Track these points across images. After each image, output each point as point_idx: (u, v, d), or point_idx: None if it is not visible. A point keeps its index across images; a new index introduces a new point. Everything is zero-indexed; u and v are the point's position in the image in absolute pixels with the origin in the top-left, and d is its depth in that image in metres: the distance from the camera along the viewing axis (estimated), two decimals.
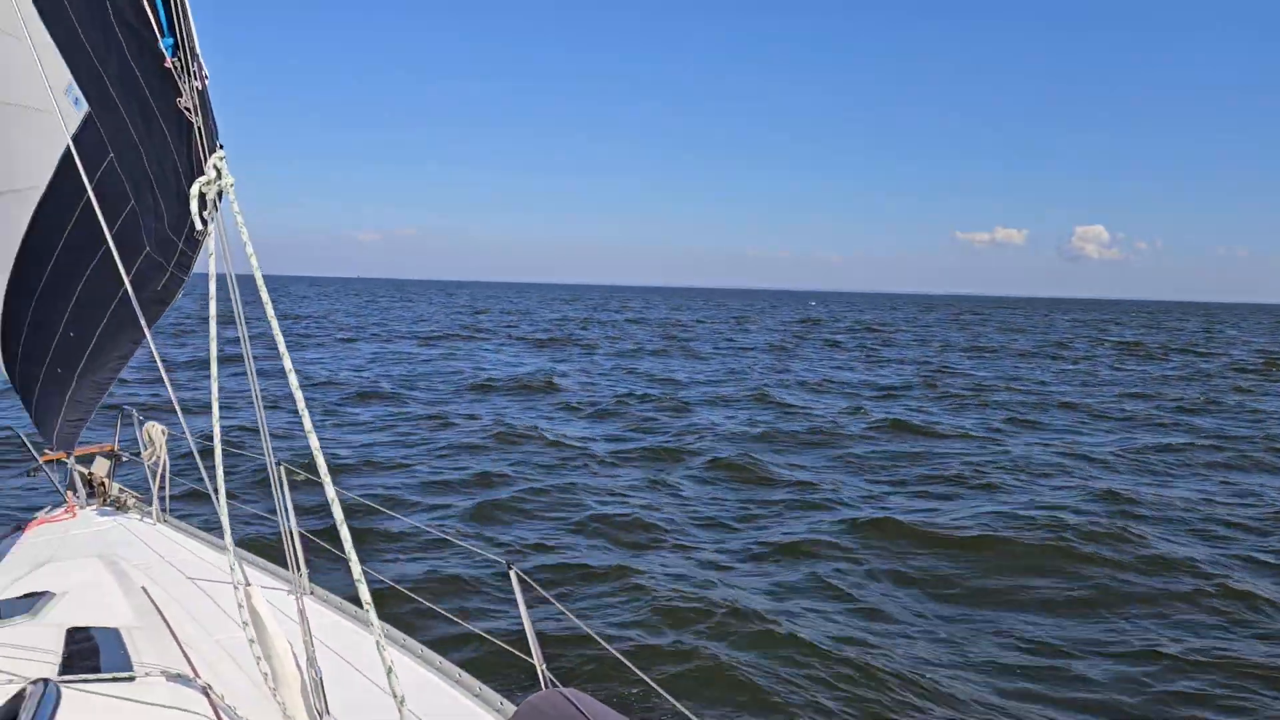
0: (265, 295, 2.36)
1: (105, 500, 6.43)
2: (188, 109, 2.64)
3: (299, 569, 3.36)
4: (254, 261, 2.42)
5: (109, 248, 2.95)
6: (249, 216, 2.58)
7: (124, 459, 6.78)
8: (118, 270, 2.96)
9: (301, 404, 2.24)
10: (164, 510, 5.97)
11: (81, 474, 6.50)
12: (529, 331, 50.00)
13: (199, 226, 2.64)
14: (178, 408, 2.63)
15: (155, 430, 5.99)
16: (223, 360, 2.58)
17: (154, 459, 5.95)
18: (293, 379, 2.28)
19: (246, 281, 2.60)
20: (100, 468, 6.61)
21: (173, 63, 2.61)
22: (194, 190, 2.61)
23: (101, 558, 4.92)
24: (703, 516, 11.62)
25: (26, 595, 4.15)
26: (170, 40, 2.60)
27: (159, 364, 2.83)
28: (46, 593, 4.16)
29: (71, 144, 2.93)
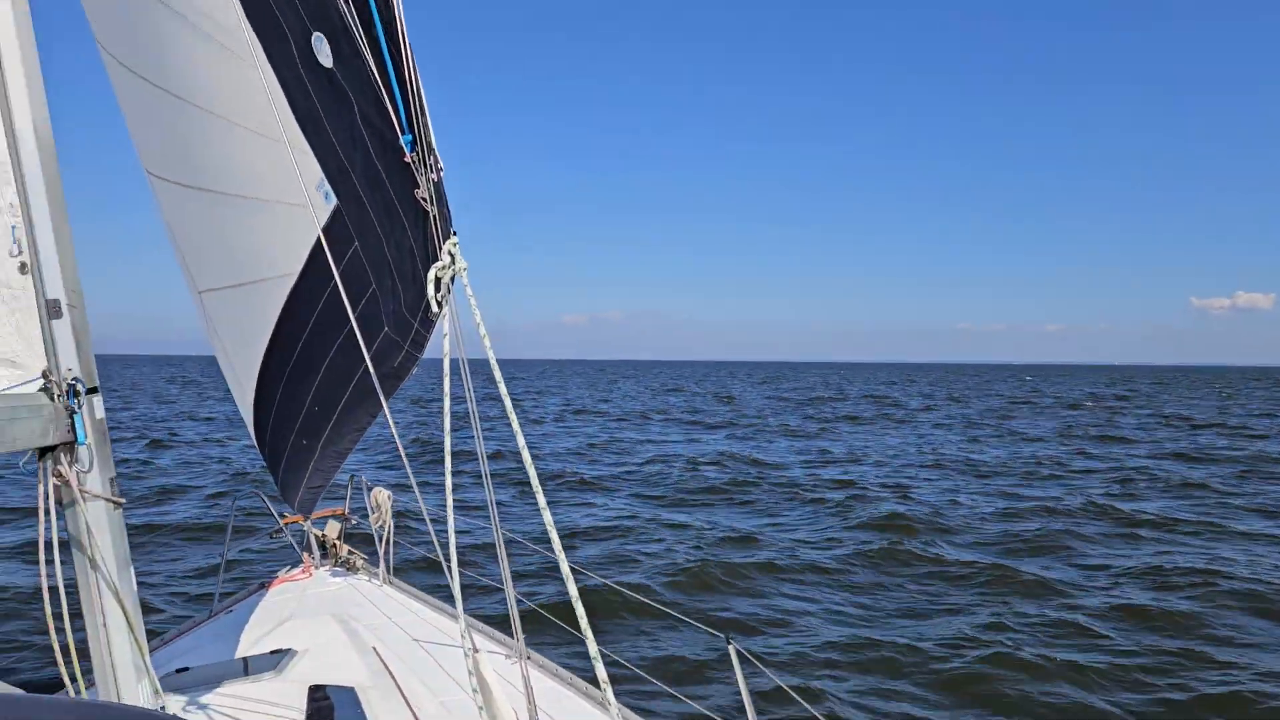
0: (498, 374, 2.47)
1: (336, 561, 6.87)
2: (424, 199, 2.83)
3: (520, 636, 3.44)
4: (486, 342, 2.53)
5: (352, 328, 3.17)
6: (482, 300, 2.71)
7: (353, 522, 7.23)
8: (359, 349, 3.18)
9: (534, 477, 2.31)
10: (388, 572, 6.31)
11: (316, 536, 6.98)
12: (754, 413, 46.92)
13: (434, 308, 2.80)
14: (411, 477, 2.77)
15: (382, 496, 6.37)
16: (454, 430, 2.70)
17: (380, 523, 6.33)
18: (526, 454, 2.37)
19: (473, 347, 2.72)
20: (332, 530, 7.09)
21: (411, 158, 2.81)
22: (430, 275, 2.77)
23: (335, 617, 5.23)
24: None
25: (273, 652, 4.46)
26: (409, 137, 2.81)
27: (394, 433, 3.00)
28: (290, 650, 4.46)
29: (321, 234, 3.19)
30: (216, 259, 4.03)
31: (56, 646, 2.86)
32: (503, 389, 2.44)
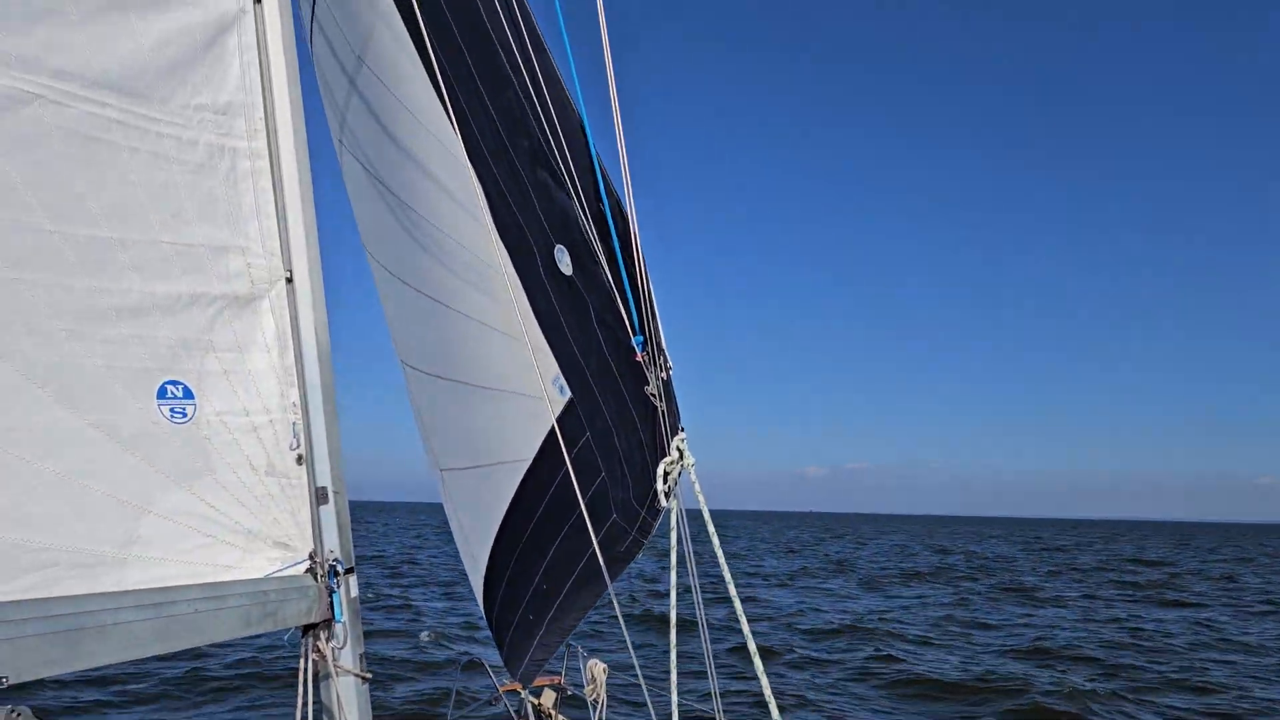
0: (728, 575, 2.52)
1: None
2: (654, 395, 2.98)
3: None
4: (716, 542, 2.60)
5: (582, 513, 3.32)
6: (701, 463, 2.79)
7: (568, 692, 7.30)
8: (588, 533, 3.32)
9: (759, 665, 2.32)
10: None
11: (533, 704, 7.08)
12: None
13: (662, 501, 2.91)
14: (632, 652, 2.82)
15: (598, 669, 6.43)
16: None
17: (595, 695, 6.36)
18: (751, 645, 2.38)
19: (695, 517, 2.78)
20: (547, 699, 7.18)
21: (642, 357, 2.99)
22: (659, 469, 2.89)
23: None
24: None
25: None
26: (640, 338, 3.00)
27: (618, 612, 3.08)
28: None
29: (555, 424, 3.40)
30: (458, 442, 4.35)
31: None
32: (732, 590, 2.48)
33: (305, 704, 3.16)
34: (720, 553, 2.55)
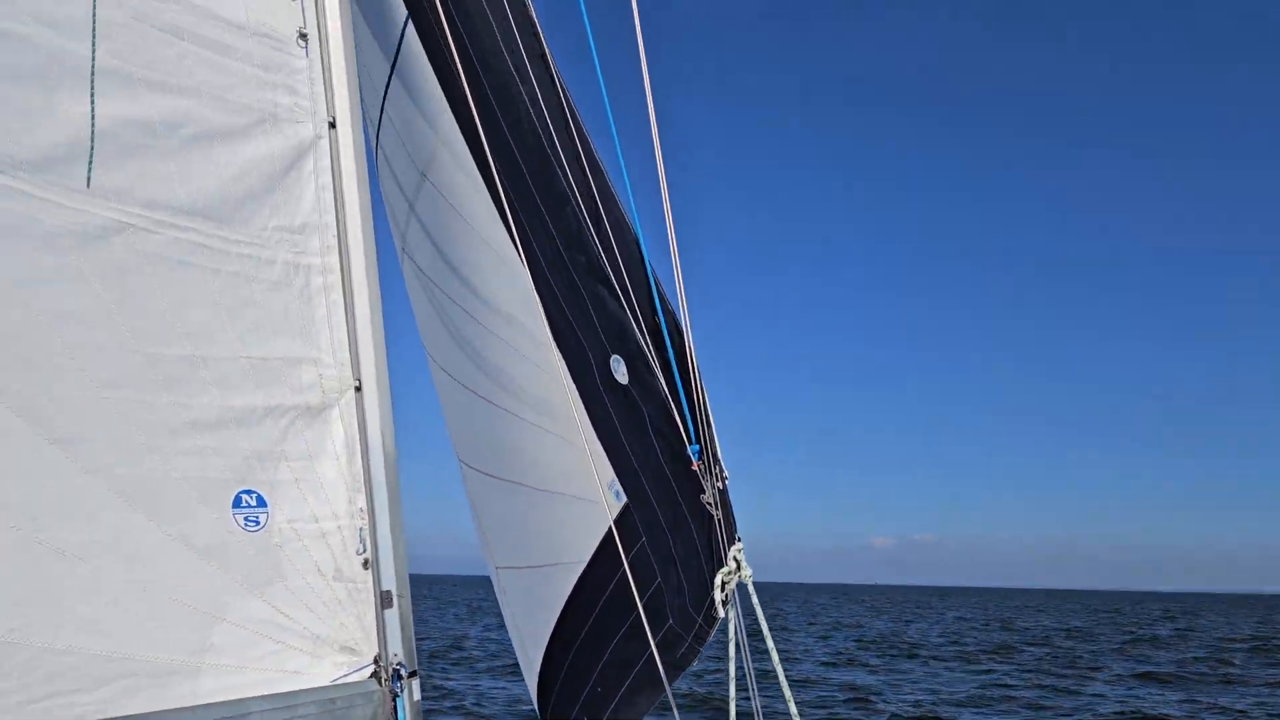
0: (785, 684, 2.54)
1: None
2: (709, 504, 3.04)
3: None
4: (773, 652, 2.63)
5: (639, 617, 3.36)
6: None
7: None
8: (645, 637, 3.35)
9: None
10: None
11: None
12: None
13: (718, 611, 2.95)
14: None
15: None
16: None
17: None
18: None
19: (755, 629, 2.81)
20: None
21: (698, 465, 3.06)
22: (716, 580, 2.94)
23: None
24: None
25: None
26: (696, 447, 3.07)
27: (676, 717, 3.09)
28: None
29: (613, 528, 3.47)
30: (514, 541, 4.42)
31: None
32: (792, 708, 2.50)
33: None
34: (781, 670, 2.57)
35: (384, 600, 3.45)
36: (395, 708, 3.34)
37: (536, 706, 5.08)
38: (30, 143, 2.73)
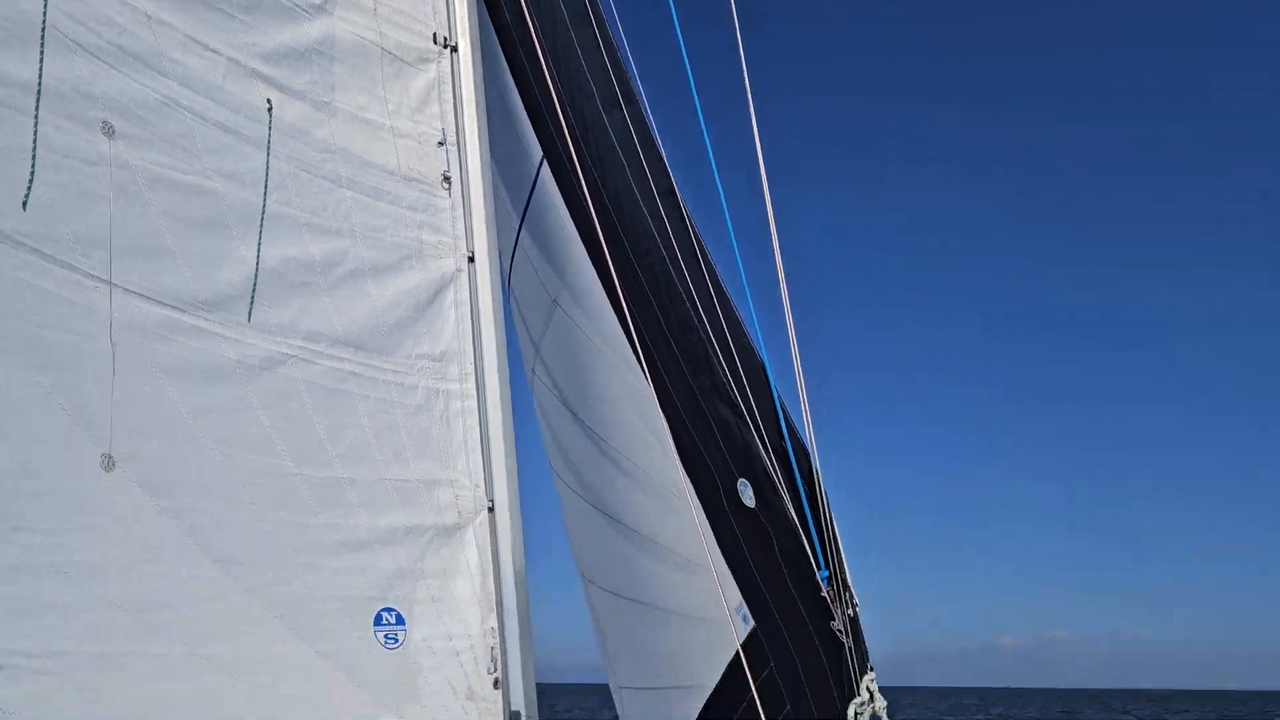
0: None
1: None
2: (840, 630, 3.01)
3: None
4: None
5: None
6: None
7: None
8: None
9: None
10: None
11: None
12: None
13: None
14: None
15: None
16: None
17: None
18: None
19: None
20: None
21: (828, 591, 3.04)
22: (850, 712, 2.89)
23: None
24: None
25: None
26: (825, 573, 3.06)
27: None
28: None
29: (740, 652, 3.45)
30: (638, 661, 4.42)
31: None
32: None
33: None
34: None
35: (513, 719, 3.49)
36: None
37: None
38: (209, 284, 3.00)
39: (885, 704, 2.85)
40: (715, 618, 3.65)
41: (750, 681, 3.42)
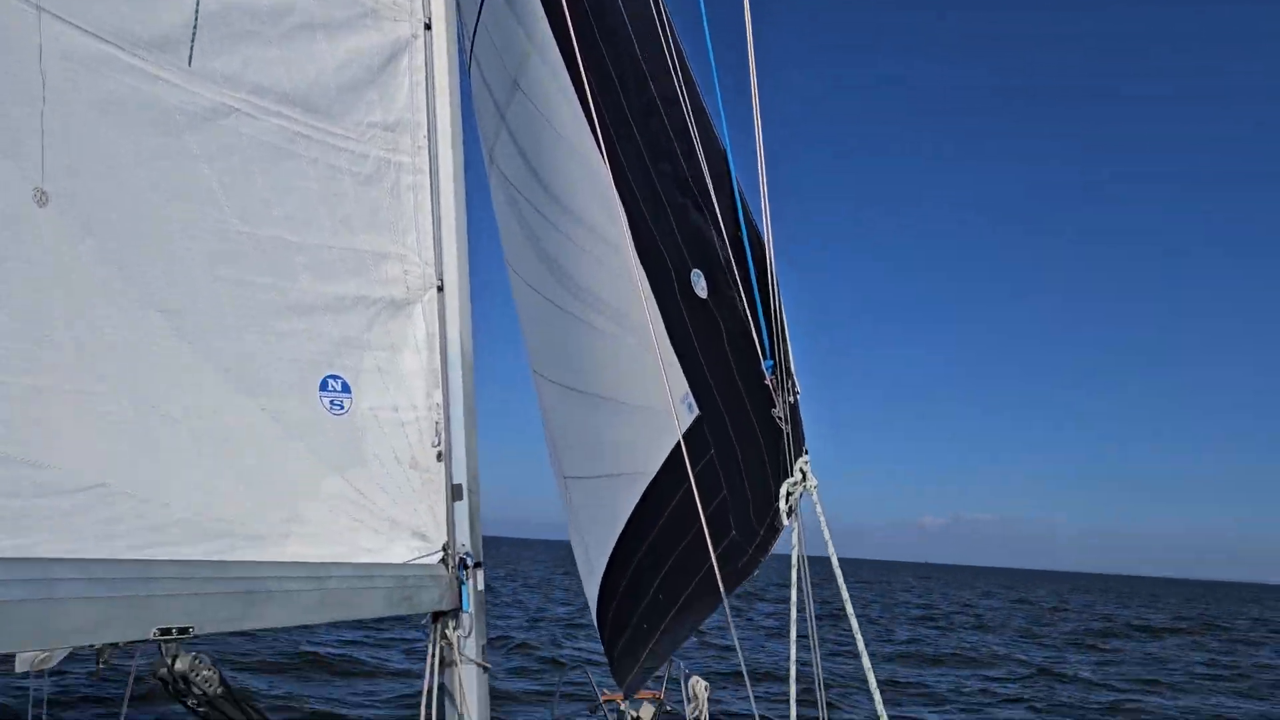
0: (843, 586, 2.59)
1: None
2: (780, 418, 3.08)
3: None
4: (835, 561, 2.68)
5: (701, 527, 3.43)
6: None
7: (667, 708, 7.38)
8: (707, 547, 3.43)
9: (873, 683, 2.38)
10: None
11: (633, 717, 7.19)
12: None
13: (782, 520, 3.00)
14: (745, 671, 2.90)
15: (699, 686, 6.49)
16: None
17: (696, 712, 6.43)
18: (865, 661, 2.45)
19: (818, 562, 2.86)
20: (646, 713, 7.27)
21: (771, 380, 3.09)
22: (782, 490, 2.99)
23: None
24: None
25: None
26: (770, 362, 3.10)
27: (732, 631, 3.17)
28: None
29: (682, 440, 3.53)
30: (584, 451, 4.52)
31: None
32: (849, 607, 2.55)
33: (430, 687, 3.36)
34: (839, 572, 2.62)
35: (454, 493, 3.58)
36: (461, 594, 3.48)
37: (594, 615, 5.23)
38: (147, 22, 2.82)
39: (816, 482, 2.95)
40: (660, 407, 3.71)
41: (689, 469, 3.51)
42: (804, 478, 3.00)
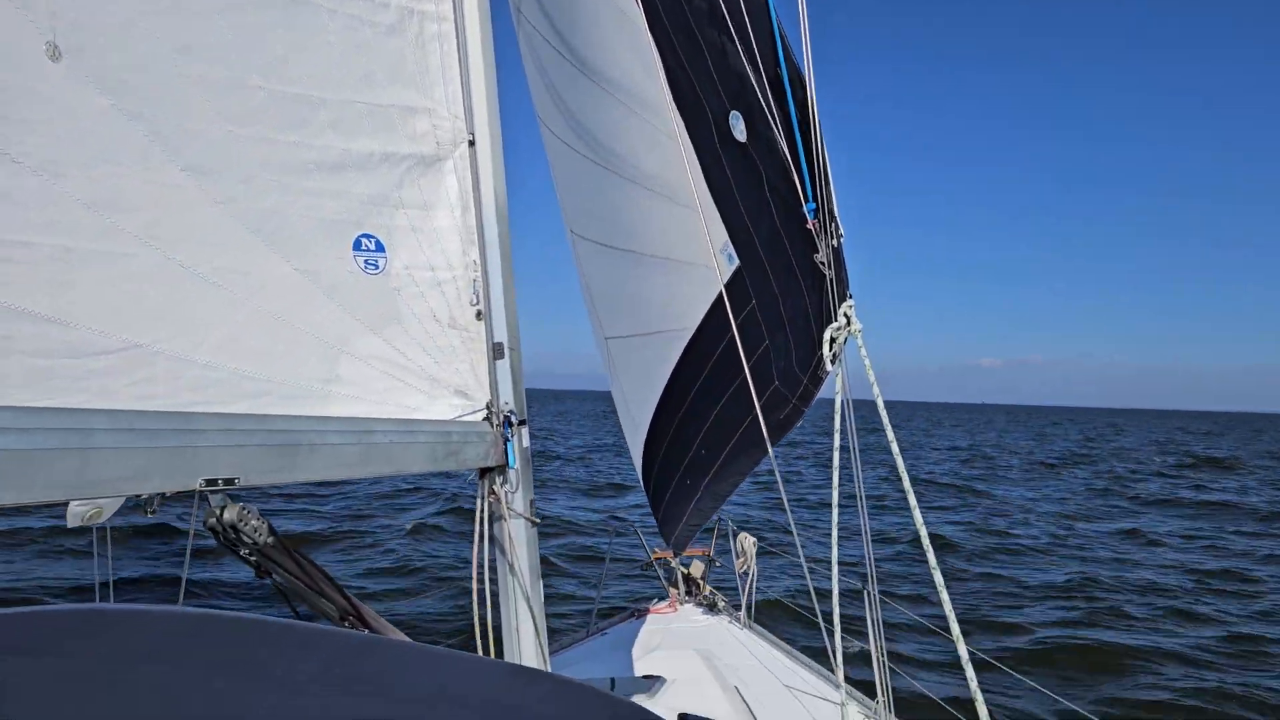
0: (892, 436, 2.54)
1: (700, 599, 7.21)
2: (823, 263, 2.98)
3: (889, 697, 3.45)
4: (880, 403, 2.62)
5: (744, 379, 3.39)
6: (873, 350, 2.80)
7: (717, 564, 7.55)
8: (750, 399, 3.39)
9: (922, 528, 2.36)
10: (749, 615, 6.52)
11: (683, 573, 7.38)
12: None
13: (827, 367, 2.94)
14: (792, 523, 2.90)
15: (748, 542, 6.61)
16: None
17: (744, 568, 6.57)
18: (916, 515, 2.42)
19: (864, 406, 2.81)
20: (696, 569, 7.46)
21: (813, 224, 2.98)
22: (825, 335, 2.91)
23: (699, 652, 5.51)
24: None
25: (645, 677, 4.80)
26: (812, 205, 2.98)
27: (779, 480, 3.16)
28: (660, 678, 4.77)
29: (723, 291, 3.45)
30: (624, 310, 4.47)
31: (478, 632, 3.32)
32: (896, 452, 2.51)
33: (481, 539, 3.42)
34: (885, 414, 2.57)
35: (495, 351, 3.56)
36: (506, 450, 3.51)
37: (640, 474, 5.28)
38: None
39: (860, 327, 2.87)
40: (700, 260, 3.63)
41: (731, 321, 3.45)
42: (848, 322, 2.92)
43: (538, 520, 3.65)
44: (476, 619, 3.37)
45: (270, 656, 1.14)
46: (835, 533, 2.80)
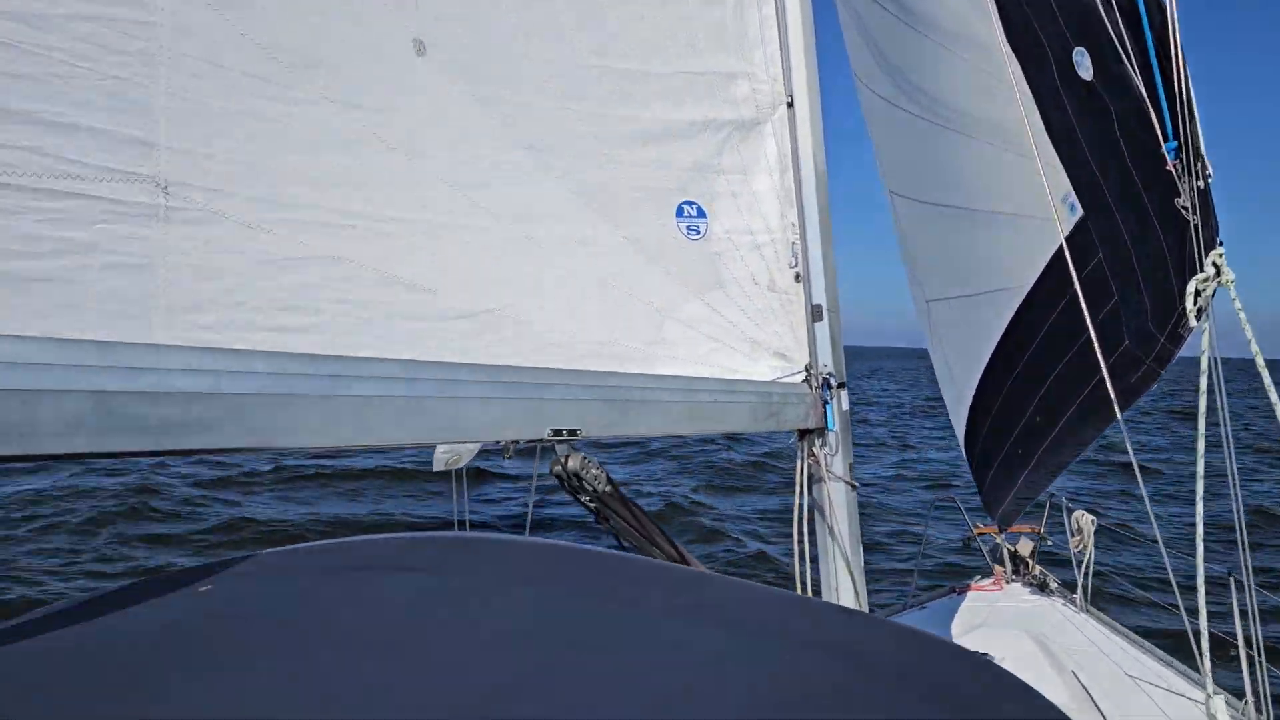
0: (1275, 398, 2.23)
1: (1028, 579, 6.77)
2: (1185, 208, 2.67)
3: (1264, 696, 3.06)
4: (1260, 361, 2.31)
5: (1089, 340, 3.12)
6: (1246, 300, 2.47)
7: (1049, 542, 7.05)
8: (1092, 362, 3.12)
9: None
10: (1086, 599, 6.03)
11: (1009, 550, 6.96)
12: None
13: (1191, 323, 2.63)
14: (1148, 503, 2.64)
15: (1085, 520, 6.10)
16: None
17: (1080, 547, 6.06)
18: None
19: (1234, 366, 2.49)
20: (1024, 547, 7.00)
21: (1174, 165, 2.67)
22: (1190, 288, 2.61)
23: (1029, 634, 5.18)
24: None
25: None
26: (1173, 144, 2.67)
27: (1131, 457, 2.88)
28: (987, 655, 4.54)
29: (1064, 245, 3.19)
30: (948, 270, 4.27)
31: (798, 590, 3.33)
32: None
33: (801, 501, 3.42)
34: (1266, 375, 2.24)
35: (814, 314, 3.53)
36: (825, 413, 3.48)
37: (962, 444, 5.04)
38: None
39: (1233, 277, 2.53)
40: (1037, 212, 3.38)
41: (1073, 277, 3.18)
42: (1217, 272, 2.59)
43: (856, 485, 3.59)
44: (797, 576, 3.39)
45: (621, 584, 1.21)
46: (1200, 506, 2.51)
